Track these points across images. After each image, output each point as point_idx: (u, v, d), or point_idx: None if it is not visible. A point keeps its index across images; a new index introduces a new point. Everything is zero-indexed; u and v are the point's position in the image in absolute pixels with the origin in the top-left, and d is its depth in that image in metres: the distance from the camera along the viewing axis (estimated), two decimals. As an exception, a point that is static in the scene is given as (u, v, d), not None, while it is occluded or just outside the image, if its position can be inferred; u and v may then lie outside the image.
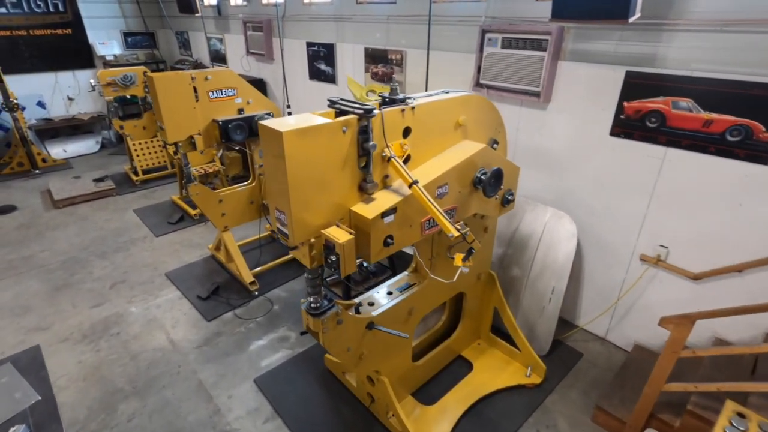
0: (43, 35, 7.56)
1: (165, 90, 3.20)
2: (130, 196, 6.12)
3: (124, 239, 4.93)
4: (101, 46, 7.99)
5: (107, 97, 5.99)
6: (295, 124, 1.60)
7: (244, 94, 3.67)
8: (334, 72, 4.92)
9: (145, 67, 6.24)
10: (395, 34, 4.08)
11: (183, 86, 3.28)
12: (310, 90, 5.40)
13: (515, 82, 3.18)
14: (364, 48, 4.41)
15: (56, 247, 4.77)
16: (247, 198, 4.04)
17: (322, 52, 4.98)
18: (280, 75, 5.82)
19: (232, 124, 3.53)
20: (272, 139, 1.56)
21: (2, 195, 6.10)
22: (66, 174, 6.89)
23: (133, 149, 6.38)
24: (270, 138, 1.58)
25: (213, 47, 7.24)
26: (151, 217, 5.44)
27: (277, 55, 5.76)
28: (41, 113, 7.84)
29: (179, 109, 3.31)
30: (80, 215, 5.51)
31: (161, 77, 3.17)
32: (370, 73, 4.45)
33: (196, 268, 4.36)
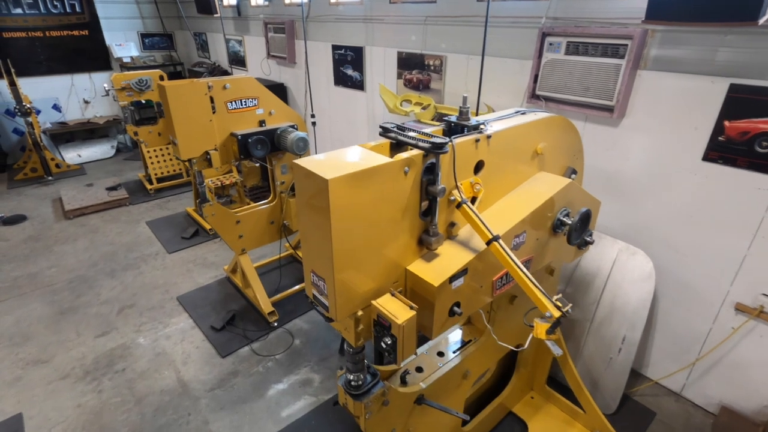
0: (60, 36, 7.34)
1: (178, 100, 2.83)
2: (143, 206, 5.81)
3: (135, 256, 4.60)
4: (118, 47, 7.75)
5: (121, 102, 5.70)
6: (342, 165, 1.18)
7: (266, 104, 3.28)
8: (362, 78, 4.51)
9: (161, 71, 5.94)
10: (434, 37, 3.65)
11: (198, 96, 2.91)
12: (334, 97, 5.01)
13: (581, 94, 2.71)
14: (397, 52, 3.99)
15: (64, 263, 4.47)
16: (267, 218, 3.66)
17: (349, 56, 4.57)
18: (303, 80, 5.44)
19: (252, 138, 3.15)
20: (312, 186, 1.15)
21: (13, 203, 5.87)
22: (79, 181, 6.64)
23: (147, 156, 6.09)
24: (309, 184, 1.17)
25: (232, 49, 6.92)
26: (165, 230, 5.11)
27: (300, 59, 5.38)
28: (57, 117, 7.64)
29: (194, 121, 2.93)
30: (91, 227, 5.22)
31: (174, 86, 2.80)
32: (403, 79, 4.03)
33: (211, 291, 4.00)
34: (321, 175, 1.10)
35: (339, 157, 1.27)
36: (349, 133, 5.02)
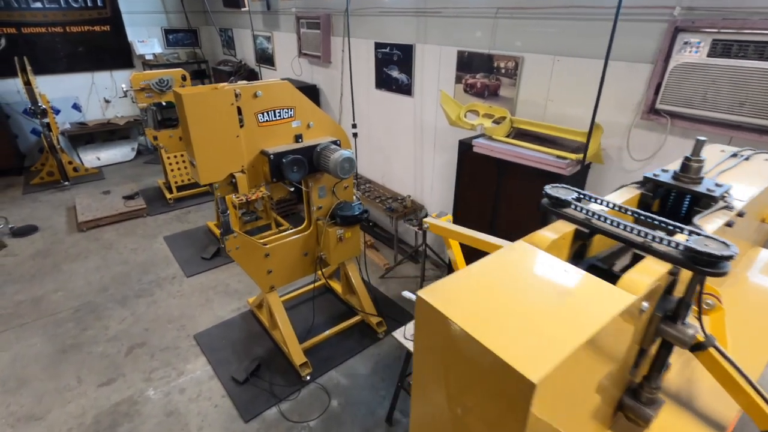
0: (81, 32, 6.95)
1: (198, 113, 2.25)
2: (161, 217, 5.33)
3: (150, 278, 4.10)
4: (140, 44, 7.33)
5: (140, 104, 5.22)
6: (536, 324, 0.55)
7: (304, 115, 2.69)
8: (410, 81, 3.87)
9: (183, 70, 5.44)
10: (506, 34, 2.98)
11: (223, 107, 2.33)
12: (376, 101, 4.38)
13: (729, 111, 2.01)
14: (457, 52, 3.33)
15: (72, 285, 4.00)
16: (301, 249, 3.07)
17: (395, 56, 3.94)
18: (338, 81, 4.84)
19: (287, 158, 2.55)
20: (489, 375, 0.52)
21: (26, 210, 5.48)
22: (97, 186, 6.23)
23: (167, 162, 5.61)
24: (477, 368, 0.54)
25: (259, 46, 6.37)
26: (183, 248, 4.61)
27: (336, 58, 4.78)
28: (76, 117, 7.27)
29: (217, 138, 2.36)
30: (105, 242, 4.76)
31: (193, 95, 2.23)
32: (462, 84, 3.37)
33: (233, 328, 3.45)
34: (526, 376, 0.47)
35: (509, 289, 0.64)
36: (390, 144, 4.40)
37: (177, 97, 2.26)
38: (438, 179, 3.99)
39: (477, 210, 3.05)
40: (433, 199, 4.13)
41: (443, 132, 3.73)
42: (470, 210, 3.11)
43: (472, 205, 3.07)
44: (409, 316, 3.56)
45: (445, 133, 3.72)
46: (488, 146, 2.65)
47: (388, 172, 4.55)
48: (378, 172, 4.73)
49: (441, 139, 3.79)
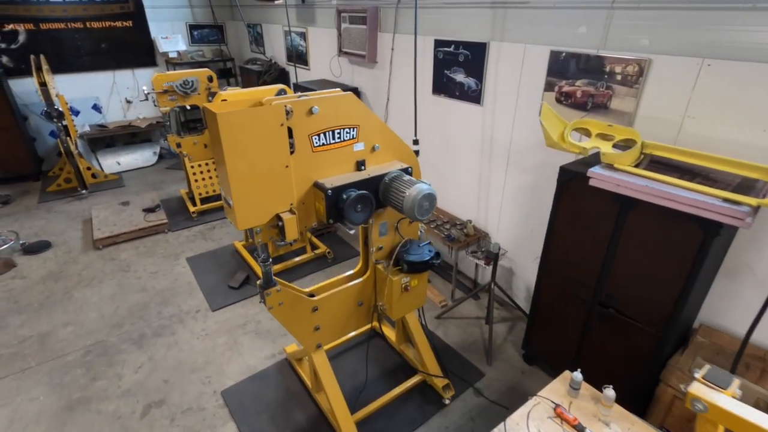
0: (102, 28, 6.51)
1: (238, 137, 1.66)
2: (184, 234, 4.82)
3: (171, 312, 3.57)
4: (164, 41, 6.84)
5: (163, 108, 4.71)
6: None
7: (369, 135, 2.07)
8: (479, 86, 3.22)
9: (209, 69, 4.90)
10: (627, 29, 2.30)
11: (271, 128, 1.73)
12: (431, 108, 3.74)
13: None
14: (550, 52, 2.66)
15: (83, 318, 3.50)
16: (355, 299, 2.47)
17: (461, 56, 3.29)
18: (385, 84, 4.22)
19: (350, 195, 1.94)
20: None
21: (41, 222, 5.04)
22: (116, 195, 5.78)
23: (191, 172, 5.09)
24: None
25: (292, 44, 5.80)
26: (208, 272, 4.07)
27: (384, 57, 4.16)
28: (96, 118, 6.85)
29: (262, 169, 1.76)
30: (121, 262, 4.26)
31: (231, 115, 1.63)
32: (555, 92, 2.70)
33: (267, 385, 2.88)
34: None
35: None
36: (448, 159, 3.75)
37: (208, 115, 1.67)
38: (509, 204, 3.33)
39: (578, 255, 2.39)
40: (500, 226, 3.47)
41: (521, 150, 3.07)
42: (568, 254, 2.45)
43: (572, 248, 2.41)
44: (477, 372, 2.94)
45: (523, 151, 3.06)
46: (613, 179, 1.99)
47: (443, 192, 3.91)
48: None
49: (517, 157, 3.13)
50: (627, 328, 2.28)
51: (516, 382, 2.92)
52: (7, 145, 5.86)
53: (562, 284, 2.55)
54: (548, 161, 2.89)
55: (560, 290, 2.57)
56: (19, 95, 6.17)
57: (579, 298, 2.47)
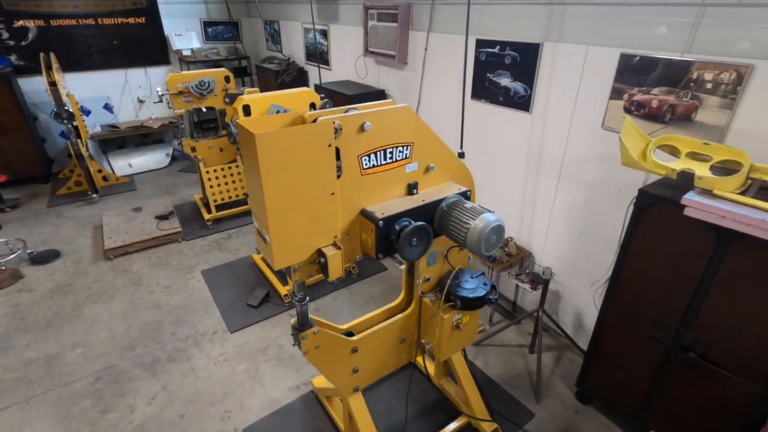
0: (114, 24, 6.26)
1: (279, 161, 1.36)
2: (199, 243, 4.56)
3: (186, 333, 3.31)
4: (177, 38, 6.58)
5: (178, 111, 4.45)
6: None
7: (423, 154, 1.77)
8: (528, 92, 2.90)
9: (226, 69, 4.63)
10: (722, 29, 1.97)
11: (317, 150, 1.43)
12: (470, 115, 3.42)
13: None
14: (620, 55, 2.33)
15: (93, 339, 3.25)
16: (397, 335, 2.18)
17: (508, 58, 2.97)
18: (416, 87, 3.91)
19: (403, 226, 1.64)
20: None
21: (50, 229, 4.82)
22: (127, 199, 5.54)
23: (206, 178, 4.82)
24: None
25: (311, 42, 5.50)
26: (225, 288, 3.80)
27: (415, 58, 3.84)
28: (108, 118, 6.62)
29: (305, 198, 1.47)
30: (133, 275, 4.02)
31: (271, 135, 1.33)
32: (625, 101, 2.38)
33: (293, 422, 2.60)
34: None
35: None
36: (488, 169, 3.43)
37: (242, 135, 1.38)
38: (559, 223, 3.01)
39: (658, 291, 2.07)
40: (546, 246, 3.15)
41: (576, 163, 2.75)
42: (644, 289, 2.13)
43: (650, 282, 2.09)
44: (525, 412, 2.63)
45: (579, 164, 2.73)
46: (718, 210, 1.66)
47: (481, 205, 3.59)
48: (464, 202, 3.78)
49: (571, 171, 2.81)
50: (716, 378, 1.96)
51: (570, 424, 2.61)
52: (16, 146, 5.65)
53: (633, 321, 2.23)
54: (610, 178, 2.56)
55: (630, 327, 2.26)
56: (29, 94, 5.95)
57: (655, 338, 2.15)
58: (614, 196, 2.58)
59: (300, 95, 3.29)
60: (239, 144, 1.50)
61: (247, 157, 1.41)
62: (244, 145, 1.40)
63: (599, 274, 2.79)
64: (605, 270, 2.72)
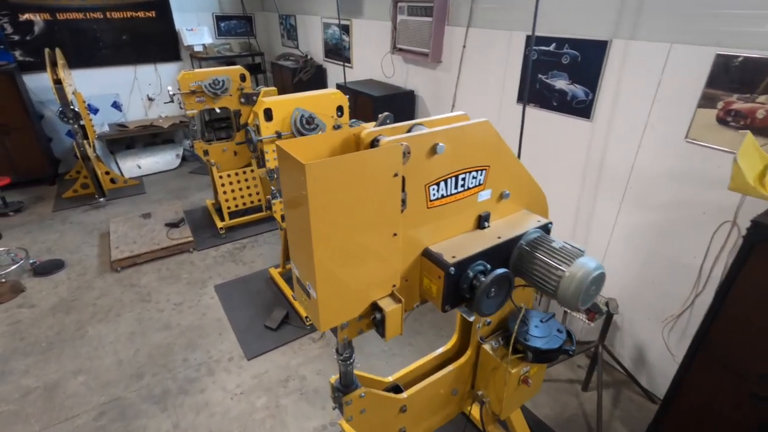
0: (123, 19, 5.97)
1: (333, 196, 1.03)
2: (211, 254, 4.26)
3: (199, 358, 3.01)
4: (189, 33, 6.28)
5: (190, 112, 4.14)
6: None
7: (498, 178, 1.43)
8: (591, 96, 2.53)
9: (242, 68, 4.30)
10: None
11: (381, 180, 1.09)
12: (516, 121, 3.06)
13: None
14: (716, 55, 1.96)
15: (98, 365, 2.96)
16: (449, 387, 1.84)
17: (566, 57, 2.60)
18: (450, 87, 3.55)
19: (479, 273, 1.30)
20: None
21: (53, 236, 4.55)
22: (135, 203, 5.26)
23: (219, 183, 4.51)
24: None
25: (331, 37, 5.16)
26: (240, 306, 3.50)
27: (450, 56, 3.49)
28: (116, 116, 6.34)
29: (361, 240, 1.13)
30: (142, 289, 3.72)
31: (327, 165, 0.99)
32: (719, 110, 2.01)
33: (320, 473, 2.29)
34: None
35: None
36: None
37: (286, 162, 1.04)
38: (619, 246, 2.65)
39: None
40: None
41: (646, 180, 2.39)
42: (751, 342, 1.77)
43: (760, 335, 1.73)
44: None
45: (649, 182, 2.37)
46: None
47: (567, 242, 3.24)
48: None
49: (639, 189, 2.44)
50: None
51: (638, 482, 2.26)
52: (20, 146, 5.39)
53: (730, 373, 1.87)
54: (692, 199, 2.20)
55: (726, 379, 1.90)
56: (35, 91, 5.69)
57: (758, 396, 1.79)
58: (695, 219, 2.22)
59: (326, 97, 2.96)
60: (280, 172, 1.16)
61: (291, 190, 1.08)
62: (287, 173, 1.07)
63: (671, 307, 2.43)
64: (680, 303, 2.37)
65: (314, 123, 2.90)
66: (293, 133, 2.87)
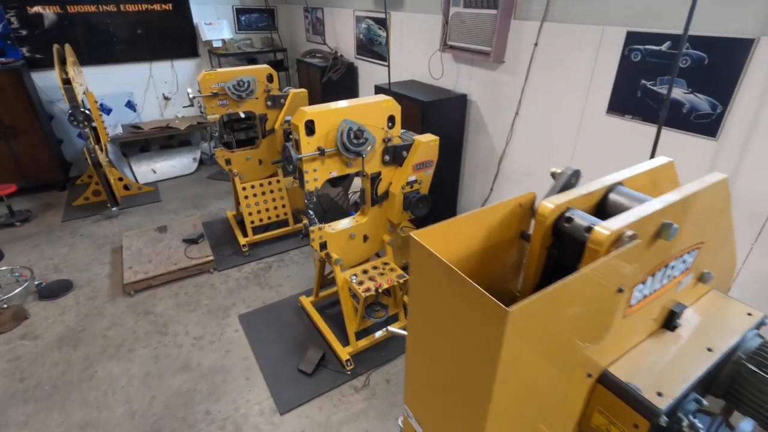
0: (137, 12, 5.54)
1: (528, 342, 0.54)
2: (233, 275, 3.82)
3: (223, 411, 2.57)
4: (207, 27, 5.83)
5: (211, 116, 3.69)
6: None
7: (709, 257, 0.92)
8: (720, 110, 2.01)
9: (269, 67, 3.83)
10: None
11: (596, 301, 0.60)
12: (604, 135, 2.54)
13: None
14: None
15: (107, 416, 2.55)
16: None
17: (686, 59, 2.07)
18: (515, 92, 3.04)
19: (694, 413, 0.81)
20: None
21: (62, 251, 4.16)
22: (150, 212, 4.86)
23: (243, 196, 4.07)
24: None
25: (366, 33, 4.66)
26: (269, 342, 3.05)
27: (516, 55, 2.97)
28: (130, 117, 5.94)
29: (544, 388, 0.64)
30: (157, 318, 3.30)
31: (532, 307, 0.51)
32: None
33: None
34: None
35: None
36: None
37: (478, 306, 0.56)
38: (748, 294, 2.12)
39: None
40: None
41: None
42: None
43: None
44: None
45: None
46: None
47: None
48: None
49: (787, 229, 1.92)
50: None
51: None
52: (29, 150, 5.01)
53: None
54: None
55: None
56: (44, 90, 5.31)
57: None
58: None
59: (377, 106, 2.48)
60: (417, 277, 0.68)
61: (450, 322, 0.60)
62: (473, 321, 0.58)
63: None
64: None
65: (363, 137, 2.42)
66: (338, 149, 2.40)
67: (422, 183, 2.80)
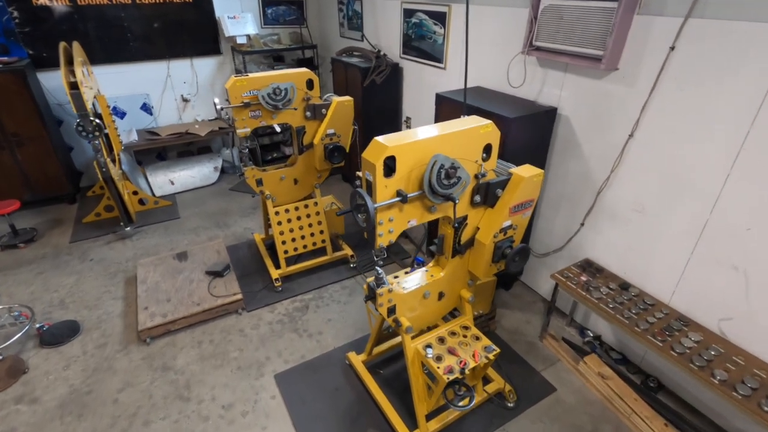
0: (154, 5, 4.96)
1: None
2: (266, 316, 3.25)
3: None
4: (231, 21, 5.22)
5: (241, 130, 3.10)
6: None
7: None
8: None
9: (309, 71, 3.20)
10: None
11: None
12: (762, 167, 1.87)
13: None
14: None
15: None
16: None
17: None
18: (629, 109, 2.37)
19: None
20: None
21: (69, 280, 3.63)
22: (168, 232, 4.32)
23: (275, 220, 3.47)
24: None
25: (416, 29, 4.00)
26: (315, 419, 2.46)
27: (637, 61, 2.29)
28: (146, 121, 5.39)
29: None
30: (177, 376, 2.74)
31: None
32: None
33: None
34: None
35: None
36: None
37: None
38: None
39: None
40: None
41: None
42: None
43: None
44: None
45: None
46: None
47: (743, 316, 2.08)
48: (715, 312, 2.25)
49: None
50: None
51: None
52: (35, 159, 4.50)
53: None
54: None
55: None
56: (52, 92, 4.78)
57: None
58: None
59: (474, 134, 1.85)
60: None
61: None
62: None
63: None
64: None
65: (456, 175, 1.79)
66: (425, 194, 1.77)
67: (517, 228, 2.17)
